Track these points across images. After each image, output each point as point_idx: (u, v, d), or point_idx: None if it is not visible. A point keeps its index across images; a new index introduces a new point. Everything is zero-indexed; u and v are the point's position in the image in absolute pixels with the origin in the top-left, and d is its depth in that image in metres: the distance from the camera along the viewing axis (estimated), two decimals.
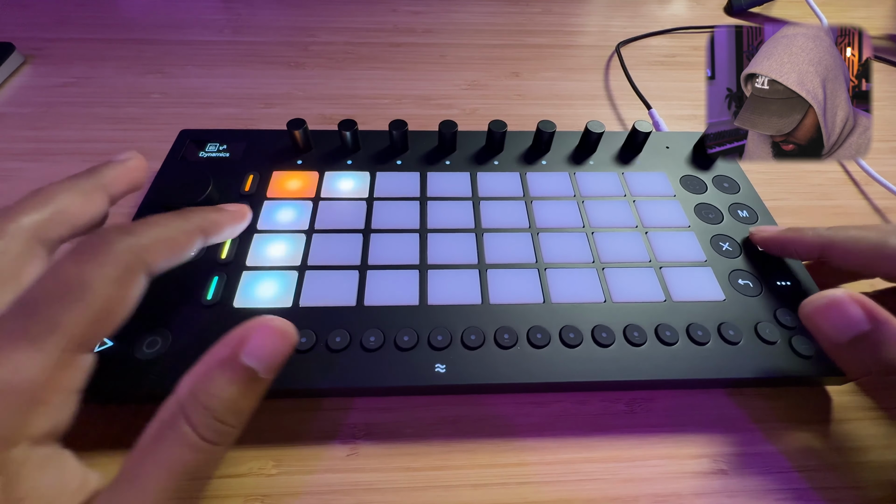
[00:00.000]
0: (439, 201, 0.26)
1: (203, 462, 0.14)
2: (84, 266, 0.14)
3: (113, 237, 0.15)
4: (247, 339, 0.15)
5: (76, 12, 0.44)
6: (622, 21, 0.48)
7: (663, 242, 0.24)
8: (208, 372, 0.15)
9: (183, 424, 0.14)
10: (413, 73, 0.40)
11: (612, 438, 0.20)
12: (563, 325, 0.21)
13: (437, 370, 0.19)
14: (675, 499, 0.18)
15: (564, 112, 0.37)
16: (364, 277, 0.22)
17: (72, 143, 0.31)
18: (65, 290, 0.14)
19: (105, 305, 0.14)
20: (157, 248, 0.16)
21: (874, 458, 0.19)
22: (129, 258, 0.15)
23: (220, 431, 0.14)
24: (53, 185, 0.18)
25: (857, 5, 0.53)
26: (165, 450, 0.14)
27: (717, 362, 0.20)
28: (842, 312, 0.17)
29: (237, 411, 0.15)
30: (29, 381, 0.13)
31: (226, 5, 0.47)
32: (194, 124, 0.33)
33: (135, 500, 0.13)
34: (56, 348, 0.13)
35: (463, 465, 0.19)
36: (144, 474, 0.13)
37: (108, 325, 0.15)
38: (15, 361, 0.13)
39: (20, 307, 0.14)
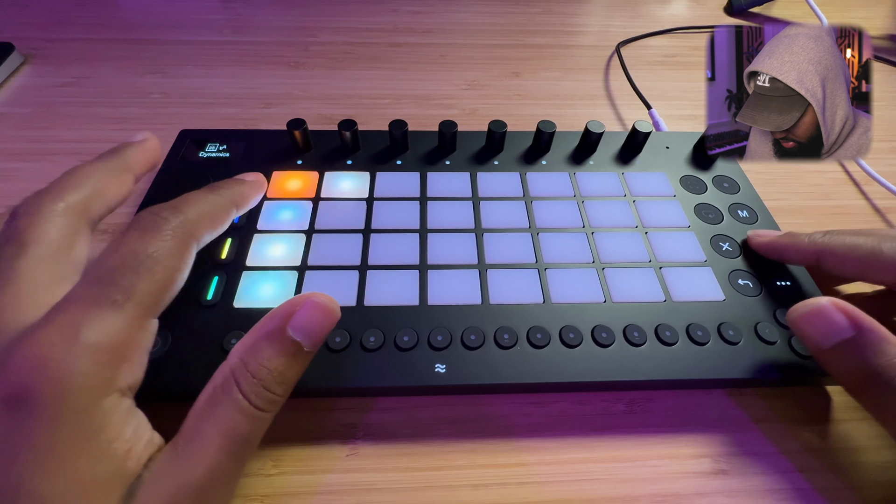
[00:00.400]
0: (439, 201, 0.26)
1: (253, 427, 0.15)
2: (149, 241, 0.16)
3: (168, 214, 0.17)
4: (293, 313, 0.16)
5: (76, 12, 0.44)
6: (622, 21, 0.48)
7: (663, 242, 0.24)
8: (257, 343, 0.16)
9: (235, 391, 0.15)
10: (413, 73, 0.40)
11: (612, 438, 0.20)
12: (563, 325, 0.21)
13: (437, 370, 0.19)
14: (675, 499, 0.18)
15: (564, 112, 0.37)
16: (364, 277, 0.22)
17: (71, 143, 0.31)
18: (136, 262, 0.15)
19: (169, 275, 0.16)
20: (203, 223, 0.18)
21: (874, 458, 0.19)
22: (183, 233, 0.17)
23: (269, 399, 0.15)
24: (87, 167, 0.19)
25: (857, 5, 0.53)
26: (220, 413, 0.15)
27: (717, 362, 0.20)
28: (826, 319, 0.18)
29: (283, 381, 0.16)
30: (116, 341, 0.14)
31: (225, 5, 0.47)
32: (194, 124, 0.33)
33: (195, 458, 0.14)
34: (135, 313, 0.15)
35: (463, 465, 0.19)
36: (202, 435, 0.15)
37: (171, 292, 0.17)
38: (105, 323, 0.14)
39: (99, 276, 0.15)
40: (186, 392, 0.19)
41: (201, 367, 0.19)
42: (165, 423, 0.19)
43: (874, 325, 0.17)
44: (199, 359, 0.19)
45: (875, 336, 0.17)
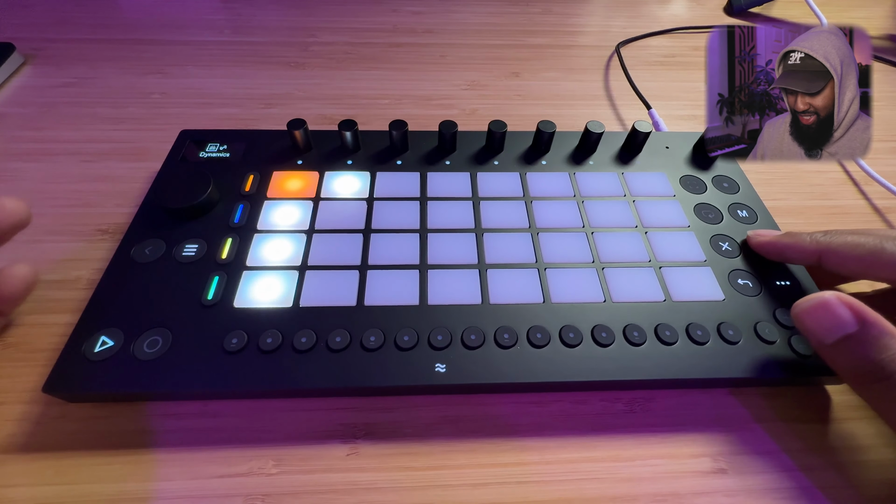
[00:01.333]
0: (439, 201, 0.26)
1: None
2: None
3: None
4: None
5: (76, 12, 0.44)
6: (622, 21, 0.48)
7: (663, 242, 0.24)
8: None
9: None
10: (413, 74, 0.40)
11: (612, 438, 0.20)
12: (562, 325, 0.21)
13: (437, 370, 0.19)
14: (675, 498, 0.18)
15: (564, 112, 0.37)
16: (364, 277, 0.22)
17: (72, 144, 0.31)
18: None
19: None
20: None
21: (874, 456, 0.19)
22: None
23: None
24: None
25: (857, 5, 0.53)
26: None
27: (717, 362, 0.20)
28: (830, 314, 0.17)
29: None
30: None
31: (226, 5, 0.47)
32: (194, 124, 0.33)
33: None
34: None
35: (463, 464, 0.19)
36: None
37: None
38: None
39: None
40: (186, 392, 0.19)
41: (201, 367, 0.19)
42: (165, 422, 0.19)
43: (878, 319, 0.17)
44: (199, 359, 0.19)
45: (879, 330, 0.17)
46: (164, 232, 0.23)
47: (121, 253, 0.23)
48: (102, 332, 0.20)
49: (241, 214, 0.24)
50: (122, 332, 0.20)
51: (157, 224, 0.24)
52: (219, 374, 0.19)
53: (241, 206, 0.25)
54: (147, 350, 0.19)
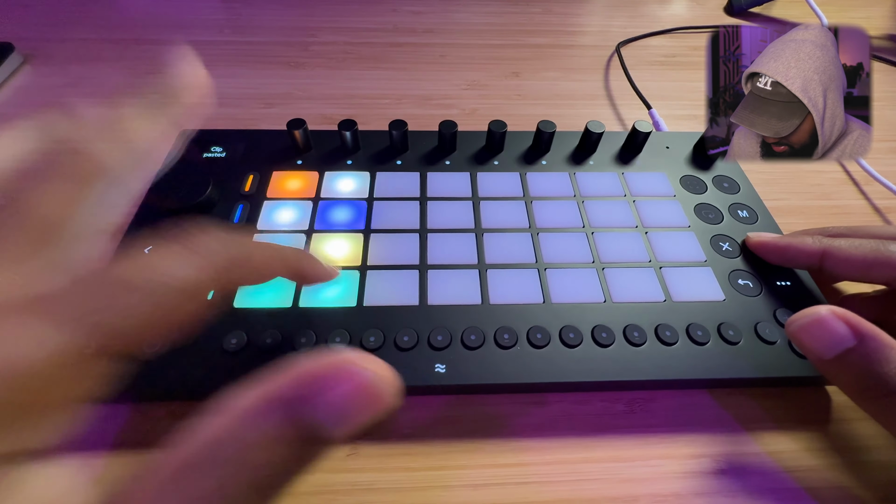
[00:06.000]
0: (439, 201, 0.26)
1: None
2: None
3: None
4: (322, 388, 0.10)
5: (76, 12, 0.44)
6: (622, 21, 0.48)
7: (663, 242, 0.24)
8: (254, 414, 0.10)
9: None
10: (413, 73, 0.40)
11: (612, 438, 0.20)
12: (563, 325, 0.21)
13: (437, 370, 0.19)
14: (675, 499, 0.18)
15: (564, 112, 0.37)
16: (364, 277, 0.22)
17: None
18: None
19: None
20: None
21: (874, 457, 0.19)
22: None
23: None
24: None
25: (857, 5, 0.53)
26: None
27: (717, 362, 0.20)
28: (826, 329, 0.17)
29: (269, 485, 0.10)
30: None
31: (226, 5, 0.47)
32: (194, 124, 0.33)
33: None
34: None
35: (463, 465, 0.19)
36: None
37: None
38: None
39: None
40: (186, 392, 0.19)
41: (201, 367, 0.19)
42: (165, 422, 0.19)
43: (876, 332, 0.16)
44: (199, 359, 0.19)
45: (878, 343, 0.16)
46: (163, 232, 0.23)
47: (120, 253, 0.23)
48: None
49: (240, 214, 0.24)
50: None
51: (157, 224, 0.24)
52: (218, 374, 0.19)
53: (240, 206, 0.25)
54: (146, 350, 0.19)
